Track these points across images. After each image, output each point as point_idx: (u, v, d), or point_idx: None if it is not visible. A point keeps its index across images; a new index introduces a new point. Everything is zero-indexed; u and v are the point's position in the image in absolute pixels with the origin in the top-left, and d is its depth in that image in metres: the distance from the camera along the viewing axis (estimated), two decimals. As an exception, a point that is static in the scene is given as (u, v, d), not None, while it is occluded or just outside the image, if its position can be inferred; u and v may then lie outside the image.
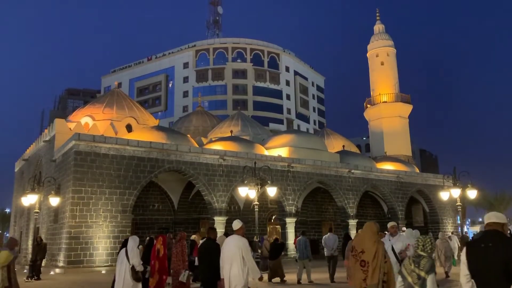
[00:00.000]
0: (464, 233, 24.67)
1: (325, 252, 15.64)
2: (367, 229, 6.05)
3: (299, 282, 14.48)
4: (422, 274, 4.52)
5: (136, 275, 7.79)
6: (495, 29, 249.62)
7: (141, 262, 8.07)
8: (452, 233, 27.24)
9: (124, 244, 8.19)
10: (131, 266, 7.71)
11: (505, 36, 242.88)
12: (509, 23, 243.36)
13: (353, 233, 27.88)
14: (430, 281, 4.50)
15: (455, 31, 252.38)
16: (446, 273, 15.80)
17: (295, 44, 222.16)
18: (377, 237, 6.05)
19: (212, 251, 8.06)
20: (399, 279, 4.82)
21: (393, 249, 8.21)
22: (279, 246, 16.33)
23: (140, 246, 21.50)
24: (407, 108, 47.37)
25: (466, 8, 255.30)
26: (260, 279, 7.05)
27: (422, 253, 4.70)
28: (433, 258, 6.39)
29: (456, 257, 18.19)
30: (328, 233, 16.01)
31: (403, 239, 8.58)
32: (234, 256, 7.10)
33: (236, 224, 7.52)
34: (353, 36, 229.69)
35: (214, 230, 9.10)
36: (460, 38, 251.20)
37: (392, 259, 7.58)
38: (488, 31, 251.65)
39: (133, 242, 8.02)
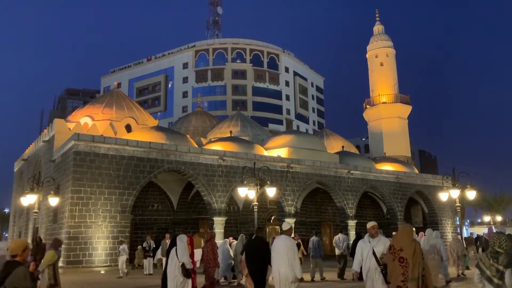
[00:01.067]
0: (470, 234, 25.12)
1: (336, 252, 16.84)
2: (403, 230, 6.83)
3: (312, 280, 15.44)
4: (501, 268, 5.21)
5: (186, 272, 8.29)
6: (495, 29, 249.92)
7: (190, 260, 8.58)
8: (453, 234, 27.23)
9: (173, 243, 8.70)
10: (181, 263, 8.23)
11: (506, 36, 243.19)
12: (509, 24, 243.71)
13: (352, 233, 27.94)
14: (508, 275, 5.15)
15: (455, 32, 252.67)
16: (460, 272, 16.33)
17: (295, 45, 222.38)
18: (413, 236, 6.96)
19: (260, 249, 8.71)
20: (476, 271, 5.48)
21: (374, 253, 7.23)
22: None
23: (139, 246, 21.50)
24: (406, 109, 47.42)
25: (466, 9, 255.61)
26: (301, 280, 7.32)
27: (499, 249, 5.35)
28: (447, 258, 7.21)
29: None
30: (339, 234, 17.27)
31: (384, 242, 7.36)
32: (282, 255, 7.63)
33: (285, 226, 8.22)
34: (352, 36, 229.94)
35: (262, 229, 10.23)
36: (459, 39, 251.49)
37: (372, 263, 7.17)
38: (488, 32, 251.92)
39: (181, 241, 8.53)
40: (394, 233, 22.09)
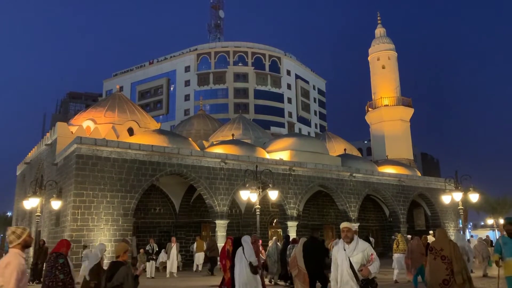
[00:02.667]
0: (486, 236, 25.65)
1: None
2: (441, 233, 8.11)
3: None
4: None
5: (254, 269, 9.22)
6: (497, 31, 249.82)
7: (256, 259, 9.60)
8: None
9: (237, 245, 9.66)
10: (248, 262, 9.13)
11: (508, 38, 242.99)
12: (510, 25, 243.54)
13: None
14: None
15: (457, 34, 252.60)
16: (485, 273, 16.99)
17: (296, 48, 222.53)
18: (449, 237, 8.12)
19: (317, 249, 10.22)
20: None
21: (351, 265, 5.92)
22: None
23: (142, 250, 21.46)
24: (408, 112, 47.38)
25: (467, 11, 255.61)
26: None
27: None
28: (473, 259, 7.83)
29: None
30: (365, 237, 18.98)
31: (363, 248, 5.94)
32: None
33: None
34: (354, 39, 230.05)
35: (317, 230, 12.75)
36: (462, 41, 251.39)
37: (345, 277, 5.93)
38: (490, 34, 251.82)
39: (246, 242, 9.56)
40: (409, 236, 22.37)
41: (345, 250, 5.98)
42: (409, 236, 22.96)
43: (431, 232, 28.61)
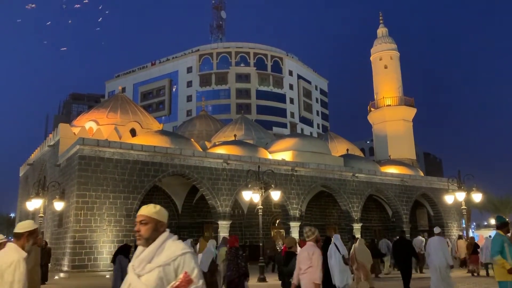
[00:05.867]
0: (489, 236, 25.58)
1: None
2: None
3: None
4: None
5: (346, 261, 10.53)
6: (499, 30, 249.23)
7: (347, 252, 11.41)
8: (460, 236, 27.04)
9: (327, 243, 10.80)
10: (342, 255, 10.39)
11: (511, 37, 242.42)
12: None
13: (357, 236, 27.78)
14: None
15: (460, 34, 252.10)
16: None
17: (298, 48, 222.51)
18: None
19: (406, 246, 12.40)
20: None
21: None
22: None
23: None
24: (411, 112, 47.29)
25: (469, 10, 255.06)
26: (452, 266, 10.54)
27: None
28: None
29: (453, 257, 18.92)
30: (383, 239, 21.42)
31: (167, 257, 2.90)
32: (438, 250, 10.35)
33: (437, 229, 11.31)
34: (356, 39, 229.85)
35: (404, 232, 15.74)
36: (465, 40, 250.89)
37: None
38: (493, 33, 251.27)
39: (338, 239, 10.86)
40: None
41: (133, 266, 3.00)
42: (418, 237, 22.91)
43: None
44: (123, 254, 9.77)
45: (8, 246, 3.93)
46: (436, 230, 11.41)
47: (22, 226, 4.05)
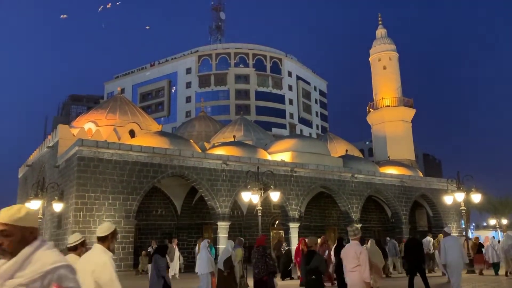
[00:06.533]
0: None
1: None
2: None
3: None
4: None
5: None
6: (499, 32, 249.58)
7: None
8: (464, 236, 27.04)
9: (339, 244, 11.69)
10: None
11: (510, 37, 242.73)
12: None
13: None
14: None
15: (459, 35, 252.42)
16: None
17: (297, 49, 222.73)
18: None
19: (417, 247, 12.77)
20: None
21: None
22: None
23: (143, 252, 21.43)
24: (410, 112, 47.31)
25: (469, 11, 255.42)
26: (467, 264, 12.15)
27: None
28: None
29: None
30: (391, 240, 20.99)
31: (32, 272, 2.31)
32: (455, 248, 10.76)
33: (448, 229, 11.83)
34: (355, 40, 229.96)
35: (417, 233, 16.34)
36: (464, 42, 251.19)
37: None
38: (492, 35, 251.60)
39: (372, 242, 12.18)
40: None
41: None
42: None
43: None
44: (160, 253, 10.17)
45: (96, 248, 4.30)
46: (448, 230, 11.89)
47: (104, 229, 4.40)
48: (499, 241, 21.52)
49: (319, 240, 16.27)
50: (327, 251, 15.33)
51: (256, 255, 9.88)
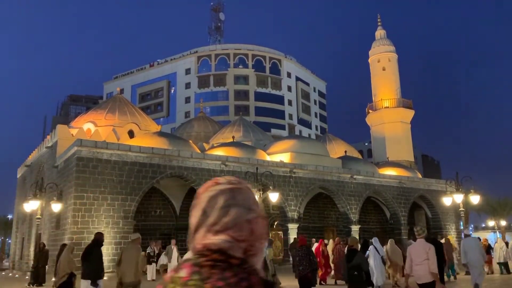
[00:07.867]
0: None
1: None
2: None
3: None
4: None
5: (384, 261, 11.77)
6: (498, 33, 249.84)
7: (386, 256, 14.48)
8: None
9: (365, 245, 12.01)
10: (381, 256, 11.64)
11: (510, 39, 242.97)
12: (511, 26, 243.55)
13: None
14: None
15: (458, 36, 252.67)
16: None
17: (297, 50, 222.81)
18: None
19: (438, 248, 12.34)
20: None
21: None
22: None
23: (143, 252, 21.45)
24: (409, 114, 47.33)
25: (469, 12, 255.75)
26: (486, 262, 13.36)
27: None
28: None
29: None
30: (409, 240, 21.80)
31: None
32: (475, 249, 11.64)
33: (468, 231, 12.29)
34: (354, 41, 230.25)
35: (437, 234, 16.39)
36: (463, 43, 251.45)
37: None
38: (491, 35, 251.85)
39: (377, 242, 12.04)
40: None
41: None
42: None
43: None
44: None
45: (134, 246, 8.72)
46: (467, 232, 13.13)
47: (135, 236, 8.49)
48: (506, 243, 21.74)
49: (335, 240, 18.72)
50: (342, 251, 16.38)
51: (300, 253, 10.97)
